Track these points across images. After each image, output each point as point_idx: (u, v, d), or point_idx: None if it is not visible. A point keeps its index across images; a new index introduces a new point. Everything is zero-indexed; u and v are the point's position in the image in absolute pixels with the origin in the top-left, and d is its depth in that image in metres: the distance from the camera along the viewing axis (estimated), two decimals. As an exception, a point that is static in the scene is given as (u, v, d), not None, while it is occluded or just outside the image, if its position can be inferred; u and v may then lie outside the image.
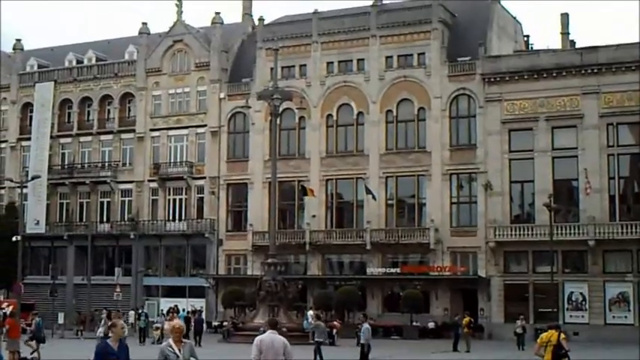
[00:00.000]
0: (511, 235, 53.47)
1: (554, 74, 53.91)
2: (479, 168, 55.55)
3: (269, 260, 48.52)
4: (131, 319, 53.94)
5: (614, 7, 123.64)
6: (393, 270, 56.95)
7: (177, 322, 12.76)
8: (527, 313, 50.68)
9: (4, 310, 59.84)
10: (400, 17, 59.01)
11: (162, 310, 57.60)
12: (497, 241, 53.56)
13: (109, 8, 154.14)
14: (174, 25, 67.40)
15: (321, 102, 60.65)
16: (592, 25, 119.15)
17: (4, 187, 71.41)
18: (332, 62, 61.01)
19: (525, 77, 54.76)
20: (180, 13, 67.37)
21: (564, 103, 53.85)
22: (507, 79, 55.31)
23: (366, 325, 29.05)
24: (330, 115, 60.58)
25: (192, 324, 45.24)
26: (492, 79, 55.63)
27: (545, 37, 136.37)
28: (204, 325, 48.85)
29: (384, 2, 62.53)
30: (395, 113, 58.67)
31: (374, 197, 56.71)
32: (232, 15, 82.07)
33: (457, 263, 55.80)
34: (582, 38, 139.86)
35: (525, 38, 67.19)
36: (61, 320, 61.34)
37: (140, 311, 51.16)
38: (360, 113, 59.62)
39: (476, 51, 56.72)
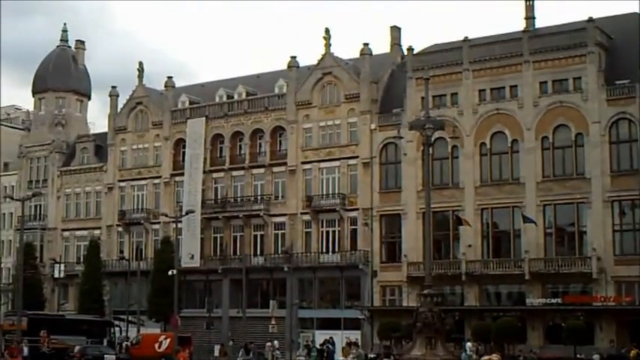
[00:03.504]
0: (680, 263, 53.33)
1: None
2: (642, 194, 55.78)
3: (425, 291, 49.84)
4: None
5: None
6: (553, 300, 57.64)
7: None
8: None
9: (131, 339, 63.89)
10: (554, 42, 60.02)
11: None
12: (665, 269, 53.50)
13: (258, 43, 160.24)
14: (323, 58, 70.39)
15: (473, 130, 62.25)
16: None
17: (159, 222, 75.93)
18: (484, 90, 62.55)
19: (689, 99, 54.86)
20: (328, 45, 70.24)
21: None
22: (670, 101, 55.51)
23: None
24: (483, 144, 62.09)
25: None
26: (654, 102, 55.93)
27: None
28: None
29: (536, 27, 63.72)
30: (551, 140, 59.67)
31: (534, 222, 57.55)
32: (381, 45, 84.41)
33: (622, 293, 56.05)
34: None
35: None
36: (216, 353, 65.01)
37: (310, 344, 53.11)
38: (514, 141, 60.92)
39: (635, 73, 57.18)
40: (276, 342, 62.07)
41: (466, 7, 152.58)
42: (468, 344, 54.37)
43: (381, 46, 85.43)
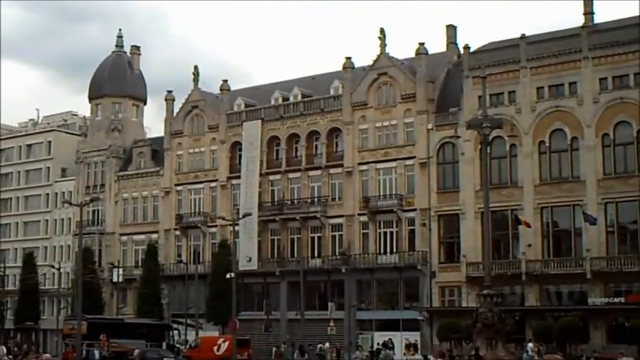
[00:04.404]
0: None
1: None
2: None
3: (484, 292, 50.10)
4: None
5: None
6: (616, 299, 57.57)
7: None
8: None
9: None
10: (614, 37, 59.90)
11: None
12: None
13: (313, 45, 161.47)
14: (379, 58, 70.95)
15: (532, 128, 62.35)
16: None
17: (216, 226, 77.00)
18: (542, 87, 62.66)
19: None
20: (383, 45, 70.78)
21: None
22: None
23: None
24: (542, 142, 62.15)
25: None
26: None
27: None
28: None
29: (595, 23, 63.56)
30: (612, 137, 59.61)
31: (594, 221, 57.49)
32: (437, 44, 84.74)
33: (687, 291, 55.74)
34: None
35: None
36: (273, 355, 65.58)
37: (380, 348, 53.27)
38: (574, 138, 60.95)
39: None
40: (327, 344, 62.84)
41: (522, 4, 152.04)
42: (530, 345, 54.33)
43: (436, 45, 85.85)
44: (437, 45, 79.95)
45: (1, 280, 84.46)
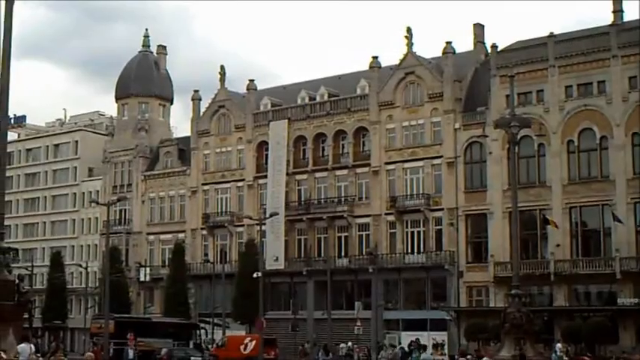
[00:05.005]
0: None
1: None
2: None
3: (513, 292, 50.32)
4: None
5: None
6: (646, 300, 57.51)
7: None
8: None
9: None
10: (643, 35, 59.84)
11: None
12: None
13: (339, 44, 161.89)
14: (405, 57, 71.18)
15: (560, 127, 62.38)
16: None
17: (242, 225, 77.59)
18: (570, 86, 62.66)
19: None
20: (410, 44, 70.99)
21: None
22: None
23: None
24: (571, 141, 62.18)
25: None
26: None
27: None
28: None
29: (624, 21, 63.47)
30: (642, 135, 59.55)
31: (622, 222, 57.50)
32: (464, 43, 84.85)
33: None
34: None
35: None
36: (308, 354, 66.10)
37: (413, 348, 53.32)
38: (603, 137, 60.88)
39: None
40: (350, 343, 63.32)
41: (551, 3, 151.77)
42: (558, 345, 54.34)
43: (463, 44, 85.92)
44: (464, 44, 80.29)
45: (29, 279, 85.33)
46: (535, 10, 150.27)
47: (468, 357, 55.01)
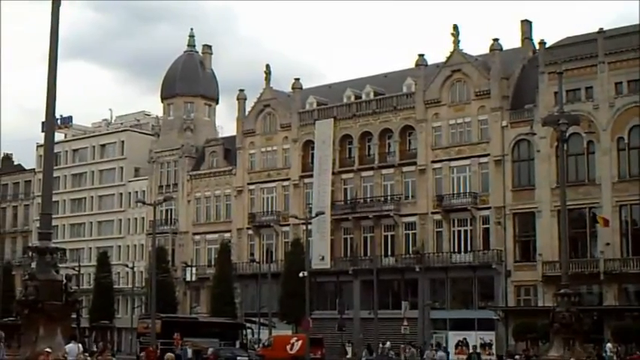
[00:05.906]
0: None
1: None
2: None
3: (561, 291, 50.20)
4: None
5: None
6: (698, 299, 57.13)
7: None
8: None
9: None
10: (695, 30, 59.50)
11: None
12: None
13: (385, 42, 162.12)
14: (452, 55, 71.25)
15: (610, 125, 62.11)
16: None
17: (288, 224, 78.14)
18: (620, 82, 62.38)
19: None
20: (457, 42, 71.07)
21: None
22: None
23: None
24: (621, 138, 61.91)
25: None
26: None
27: None
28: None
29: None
30: (693, 132, 59.17)
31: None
32: (511, 40, 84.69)
33: None
34: None
35: None
36: (349, 354, 66.49)
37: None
38: (654, 134, 60.60)
39: None
40: (388, 343, 63.64)
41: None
42: (608, 345, 54.29)
43: (511, 40, 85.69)
44: (511, 41, 80.00)
45: (77, 279, 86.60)
46: (582, 6, 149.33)
47: (516, 357, 55.50)
